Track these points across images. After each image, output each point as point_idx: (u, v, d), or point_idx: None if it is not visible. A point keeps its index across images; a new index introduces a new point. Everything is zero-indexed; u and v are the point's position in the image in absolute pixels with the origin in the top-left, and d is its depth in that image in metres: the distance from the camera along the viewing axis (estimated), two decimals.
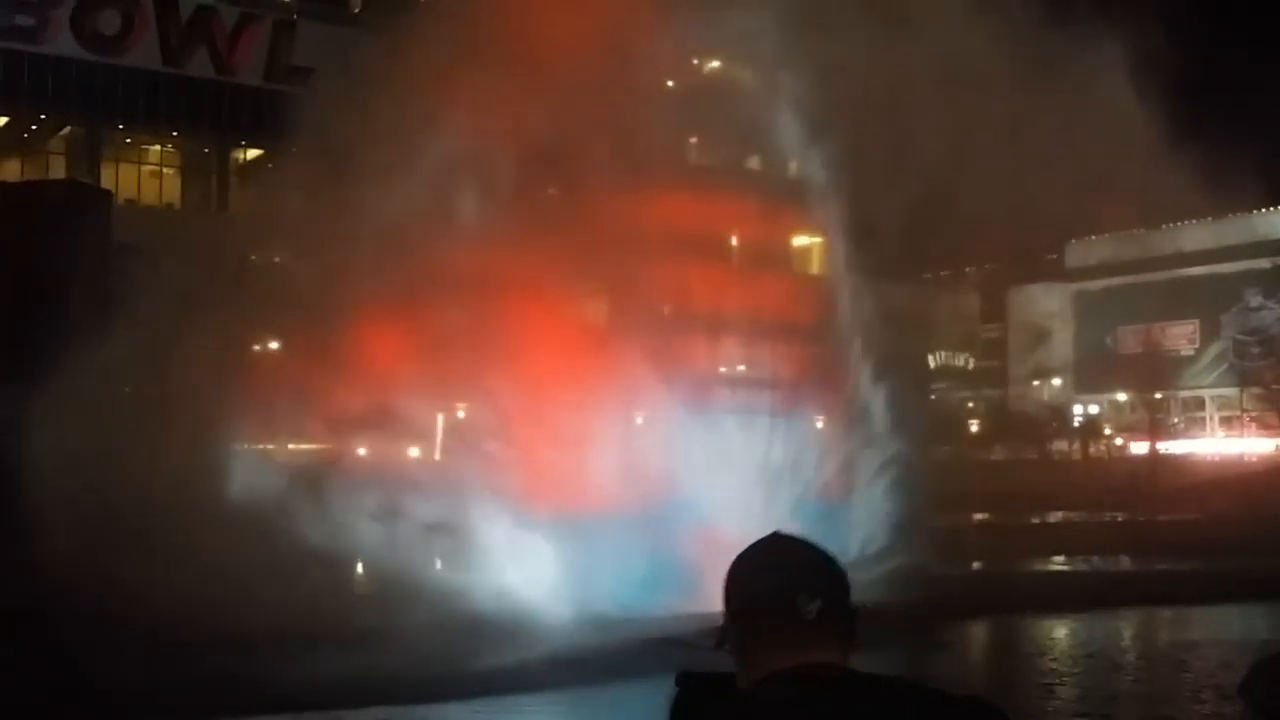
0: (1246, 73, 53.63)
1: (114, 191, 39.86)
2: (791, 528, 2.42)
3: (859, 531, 25.52)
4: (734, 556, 2.38)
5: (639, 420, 27.06)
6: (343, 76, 30.97)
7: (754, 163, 29.16)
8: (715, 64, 29.28)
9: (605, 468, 24.19)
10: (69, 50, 44.57)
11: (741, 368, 29.11)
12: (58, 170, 45.40)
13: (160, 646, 16.32)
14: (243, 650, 16.75)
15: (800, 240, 33.31)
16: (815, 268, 31.68)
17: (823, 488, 26.87)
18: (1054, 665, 21.77)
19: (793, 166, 29.04)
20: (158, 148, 49.41)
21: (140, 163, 48.87)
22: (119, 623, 16.75)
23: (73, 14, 44.98)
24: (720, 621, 2.28)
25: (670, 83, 28.06)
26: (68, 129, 47.37)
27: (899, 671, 2.19)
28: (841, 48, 25.55)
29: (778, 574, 2.31)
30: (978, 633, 24.29)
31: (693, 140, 27.73)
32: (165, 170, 49.54)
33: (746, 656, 2.28)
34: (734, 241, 28.89)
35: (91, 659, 15.37)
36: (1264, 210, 67.14)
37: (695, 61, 28.89)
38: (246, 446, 26.36)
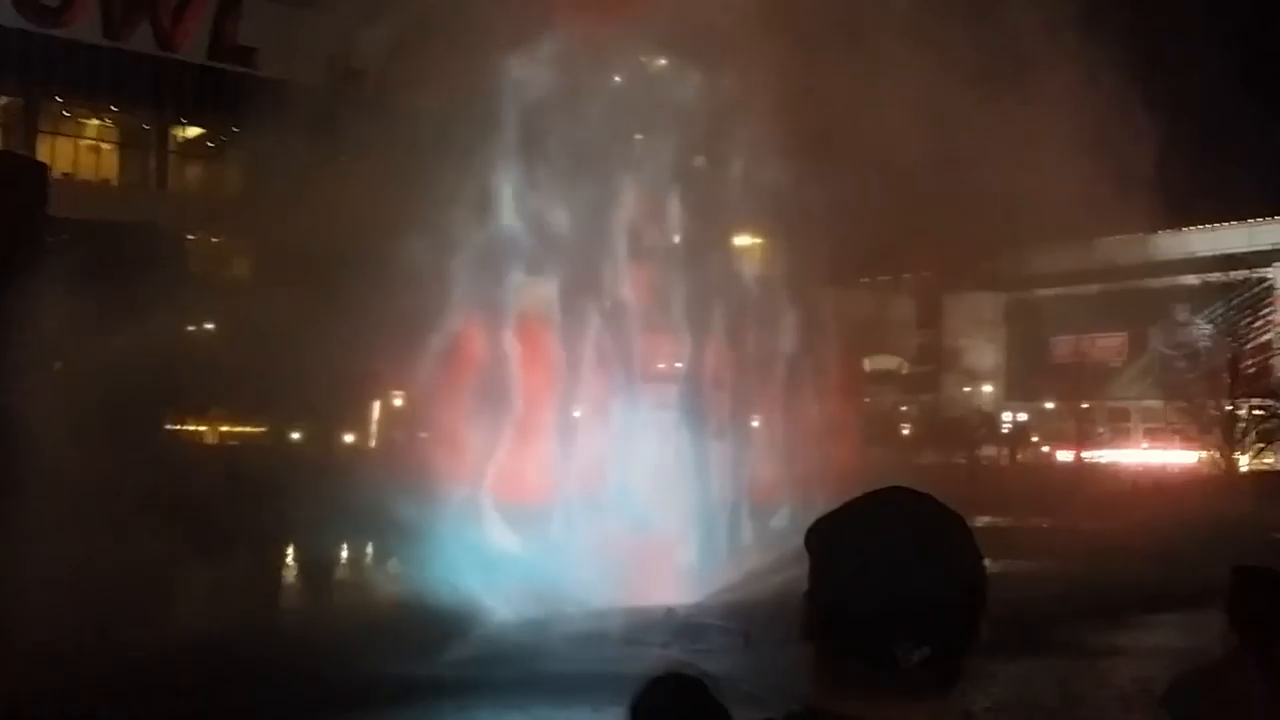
0: (1184, 90, 54.50)
1: (50, 165, 39.33)
2: (910, 492, 1.78)
3: (785, 533, 25.76)
4: (828, 511, 1.80)
5: (576, 414, 27.17)
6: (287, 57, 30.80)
7: (697, 161, 29.32)
8: (661, 62, 29.40)
9: (540, 460, 24.28)
10: (8, 20, 43.81)
11: (679, 365, 29.26)
12: None
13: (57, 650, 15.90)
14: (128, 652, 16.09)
15: (741, 241, 33.56)
16: (755, 269, 31.88)
17: (753, 488, 27.10)
18: (975, 666, 22.09)
19: (735, 167, 29.21)
20: (96, 122, 48.75)
21: (78, 137, 48.19)
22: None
23: None
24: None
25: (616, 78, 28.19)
26: (4, 100, 46.62)
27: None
28: (783, 54, 25.80)
29: (876, 594, 1.71)
30: None
31: (638, 137, 27.84)
32: (103, 145, 48.89)
33: (826, 674, 1.75)
34: (675, 240, 29.01)
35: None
36: (1194, 227, 68.43)
37: (642, 59, 29.00)
38: (179, 428, 26.17)
